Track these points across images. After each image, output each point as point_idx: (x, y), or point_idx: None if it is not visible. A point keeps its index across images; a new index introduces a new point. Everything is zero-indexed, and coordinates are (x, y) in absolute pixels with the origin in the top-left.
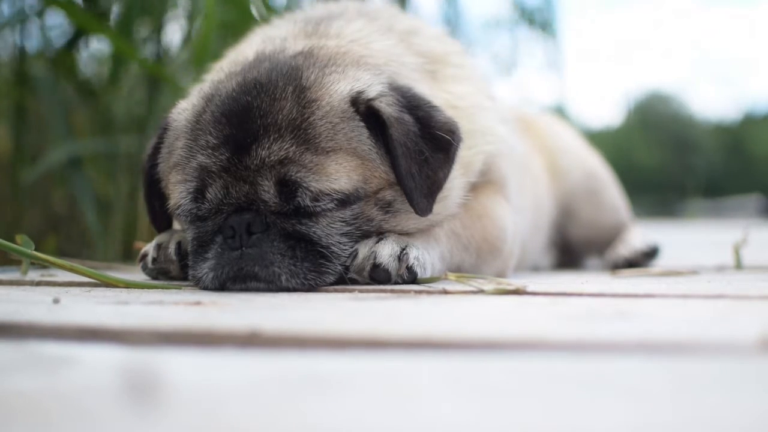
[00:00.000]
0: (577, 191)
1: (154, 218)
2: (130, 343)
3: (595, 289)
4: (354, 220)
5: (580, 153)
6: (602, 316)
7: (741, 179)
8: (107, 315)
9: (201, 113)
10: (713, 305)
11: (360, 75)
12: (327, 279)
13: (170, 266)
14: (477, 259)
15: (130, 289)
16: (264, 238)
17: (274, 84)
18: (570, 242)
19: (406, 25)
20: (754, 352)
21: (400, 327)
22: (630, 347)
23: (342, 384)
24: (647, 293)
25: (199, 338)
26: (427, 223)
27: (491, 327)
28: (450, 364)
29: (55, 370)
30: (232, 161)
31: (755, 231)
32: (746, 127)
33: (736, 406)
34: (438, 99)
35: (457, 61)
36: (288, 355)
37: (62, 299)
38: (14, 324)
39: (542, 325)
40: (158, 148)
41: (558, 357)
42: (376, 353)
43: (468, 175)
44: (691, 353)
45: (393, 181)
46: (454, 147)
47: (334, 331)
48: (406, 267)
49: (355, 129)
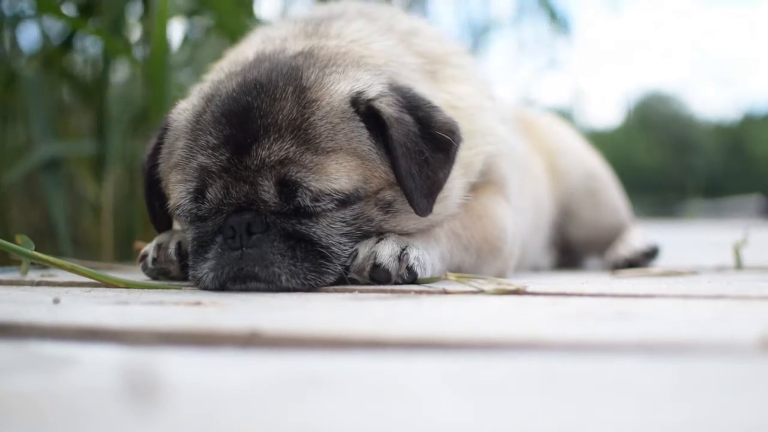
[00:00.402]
0: (577, 191)
1: (154, 218)
2: (130, 343)
3: (595, 290)
4: (354, 220)
5: (580, 153)
6: (602, 316)
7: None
8: (107, 315)
9: (201, 113)
10: (713, 305)
11: (360, 75)
12: (327, 279)
13: (170, 266)
14: (477, 260)
15: (130, 289)
16: (264, 238)
17: (275, 84)
18: (570, 242)
19: (407, 25)
20: (754, 352)
21: (400, 327)
22: (630, 347)
23: (342, 384)
24: (647, 293)
25: (199, 338)
26: (427, 223)
27: (491, 327)
28: (450, 364)
29: (55, 370)
30: (233, 161)
31: (755, 231)
32: (746, 127)
33: (736, 406)
34: (438, 99)
35: (457, 62)
36: (288, 355)
37: (62, 299)
38: (14, 324)
39: (542, 325)
40: (158, 148)
41: (558, 357)
42: (376, 353)
43: (468, 175)
44: (691, 353)
45: (393, 182)
46: (454, 147)
47: (334, 331)
48: (406, 267)
49: (355, 129)
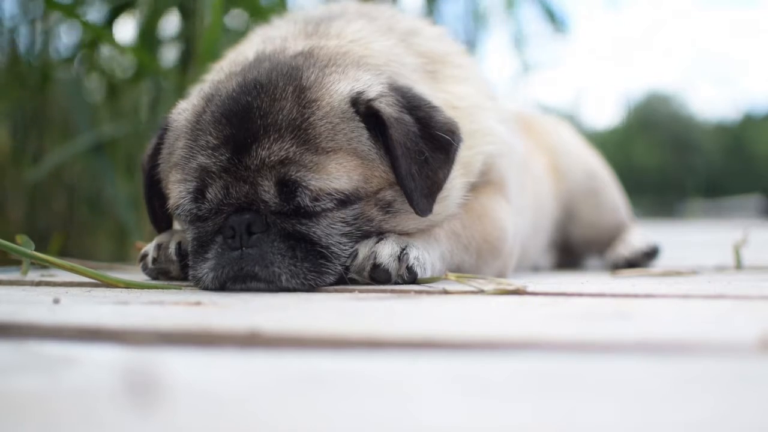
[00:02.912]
0: (577, 191)
1: (154, 218)
2: (130, 343)
3: (595, 290)
4: (354, 220)
5: (581, 153)
6: (602, 316)
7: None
8: (107, 315)
9: (201, 113)
10: (713, 305)
11: (360, 75)
12: (327, 279)
13: (170, 266)
14: (477, 259)
15: (130, 289)
16: (264, 238)
17: (274, 84)
18: (570, 242)
19: (407, 25)
20: (754, 352)
21: (400, 327)
22: (630, 347)
23: (342, 384)
24: (647, 293)
25: (199, 338)
26: (427, 223)
27: (491, 327)
28: (450, 364)
29: (55, 370)
30: (233, 161)
31: (755, 231)
32: (746, 127)
33: (736, 406)
34: (438, 99)
35: (458, 62)
36: (288, 355)
37: (62, 299)
38: (14, 324)
39: (542, 325)
40: (158, 148)
41: (558, 357)
42: (376, 353)
43: (468, 175)
44: (691, 353)
45: (393, 182)
46: (454, 147)
47: (334, 331)
48: (406, 267)
49: (355, 129)
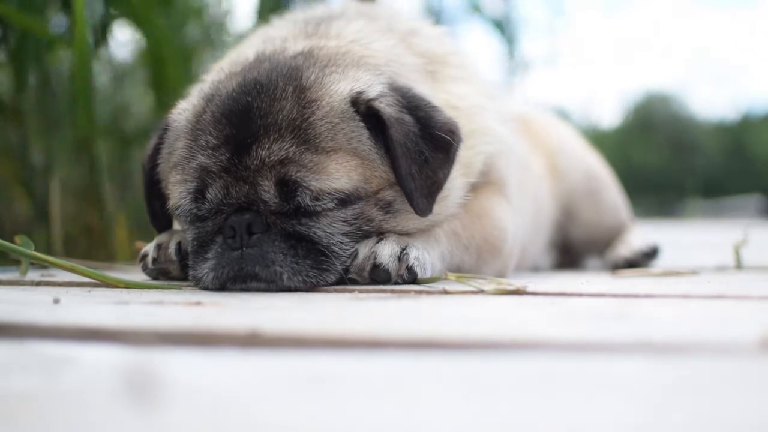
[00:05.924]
0: (577, 191)
1: (154, 218)
2: (130, 343)
3: (595, 290)
4: (354, 220)
5: (581, 153)
6: (602, 316)
7: (741, 179)
8: (107, 315)
9: (201, 113)
10: (713, 305)
11: (360, 75)
12: (328, 278)
13: (170, 266)
14: (477, 260)
15: (130, 289)
16: (264, 238)
17: (275, 84)
18: (570, 242)
19: (407, 25)
20: (754, 352)
21: (400, 327)
22: (630, 347)
23: (342, 384)
24: (647, 293)
25: (199, 338)
26: (427, 223)
27: (491, 327)
28: (450, 365)
29: (55, 370)
30: (233, 161)
31: (755, 231)
32: (746, 127)
33: (736, 406)
34: (438, 99)
35: (457, 62)
36: (288, 355)
37: (62, 299)
38: (14, 324)
39: (542, 325)
40: (158, 148)
41: (558, 357)
42: (376, 353)
43: (468, 175)
44: (691, 353)
45: (393, 181)
46: (454, 147)
47: (334, 331)
48: (406, 267)
49: (355, 129)
